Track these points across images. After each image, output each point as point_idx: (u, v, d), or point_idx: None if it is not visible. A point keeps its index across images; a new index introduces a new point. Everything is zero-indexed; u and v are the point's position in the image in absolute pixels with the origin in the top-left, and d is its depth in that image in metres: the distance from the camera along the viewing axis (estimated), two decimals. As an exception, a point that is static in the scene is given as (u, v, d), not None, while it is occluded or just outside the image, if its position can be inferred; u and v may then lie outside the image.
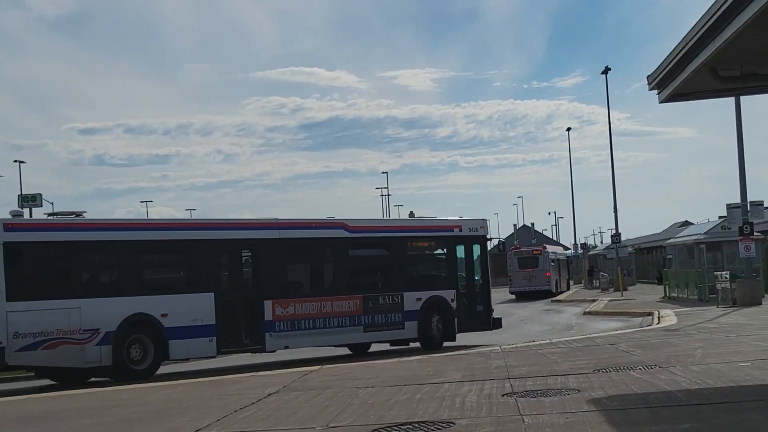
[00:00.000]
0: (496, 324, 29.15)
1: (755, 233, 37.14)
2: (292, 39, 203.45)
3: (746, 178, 35.52)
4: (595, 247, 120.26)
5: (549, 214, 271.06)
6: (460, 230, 29.02)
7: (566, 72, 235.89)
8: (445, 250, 28.95)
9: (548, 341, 22.97)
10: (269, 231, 25.23)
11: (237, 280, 24.90)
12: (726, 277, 35.28)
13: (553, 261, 69.60)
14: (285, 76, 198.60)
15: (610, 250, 72.09)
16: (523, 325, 31.70)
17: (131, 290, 22.67)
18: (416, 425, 10.60)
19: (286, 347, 25.06)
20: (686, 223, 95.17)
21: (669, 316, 30.36)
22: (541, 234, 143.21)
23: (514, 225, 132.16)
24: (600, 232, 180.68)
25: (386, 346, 27.88)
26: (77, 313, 21.50)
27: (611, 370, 14.97)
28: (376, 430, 10.47)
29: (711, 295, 37.37)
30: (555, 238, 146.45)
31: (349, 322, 26.01)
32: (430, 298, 27.59)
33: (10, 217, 22.13)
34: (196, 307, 23.31)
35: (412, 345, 27.80)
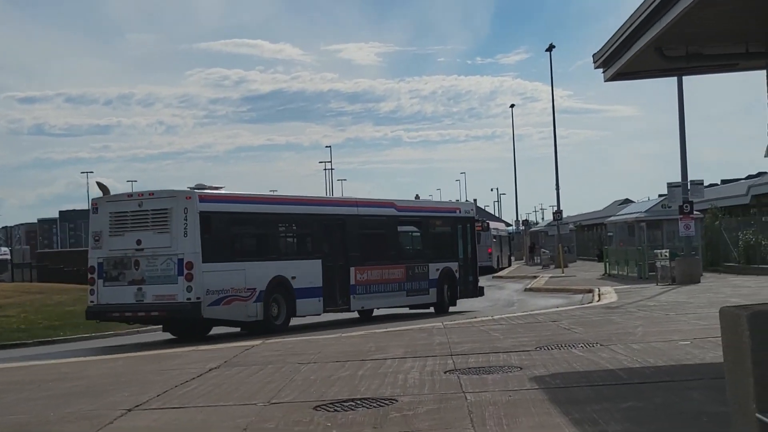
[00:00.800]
0: (481, 292, 33.71)
1: (695, 212, 37.61)
2: (236, 10, 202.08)
3: (687, 158, 35.99)
4: (537, 224, 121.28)
5: (491, 190, 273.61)
6: (460, 211, 33.80)
7: (510, 49, 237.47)
8: (450, 228, 33.14)
9: (490, 318, 23.03)
10: (351, 207, 29.25)
11: (333, 249, 28.07)
12: (665, 255, 35.69)
13: (494, 237, 69.99)
14: (228, 48, 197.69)
15: (552, 227, 72.75)
16: (465, 300, 32.17)
17: (276, 255, 26.13)
18: (358, 402, 10.53)
19: (362, 308, 29.08)
20: (627, 201, 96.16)
21: (609, 294, 30.65)
22: (484, 210, 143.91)
23: (457, 201, 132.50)
24: (542, 209, 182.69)
25: (385, 311, 30.81)
26: (243, 275, 24.58)
27: (553, 347, 15.01)
28: (318, 406, 10.38)
29: (651, 273, 37.80)
30: (497, 215, 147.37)
31: (398, 287, 29.96)
32: (444, 269, 31.63)
33: (198, 190, 24.38)
34: (311, 271, 26.79)
35: (406, 311, 30.70)
